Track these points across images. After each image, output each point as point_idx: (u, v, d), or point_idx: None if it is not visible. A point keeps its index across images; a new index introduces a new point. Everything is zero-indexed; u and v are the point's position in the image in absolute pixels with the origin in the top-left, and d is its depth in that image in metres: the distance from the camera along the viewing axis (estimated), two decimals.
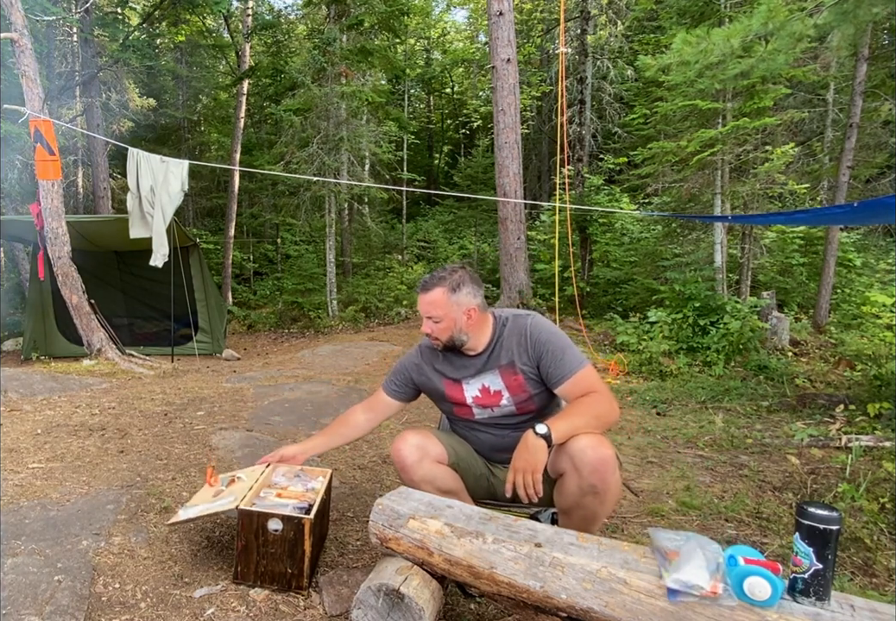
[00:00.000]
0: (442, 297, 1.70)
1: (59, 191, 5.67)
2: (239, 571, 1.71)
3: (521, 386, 1.71)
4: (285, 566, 1.67)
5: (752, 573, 1.10)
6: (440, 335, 1.74)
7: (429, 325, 1.74)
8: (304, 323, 10.59)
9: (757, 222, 7.33)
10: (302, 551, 1.65)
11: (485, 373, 1.76)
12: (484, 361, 1.76)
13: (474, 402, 1.78)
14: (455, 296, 1.70)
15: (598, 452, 1.47)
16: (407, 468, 1.69)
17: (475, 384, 1.77)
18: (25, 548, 1.81)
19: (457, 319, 1.71)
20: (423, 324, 1.77)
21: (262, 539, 1.66)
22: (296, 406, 3.93)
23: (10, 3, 5.28)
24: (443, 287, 1.70)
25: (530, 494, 1.46)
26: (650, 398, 4.66)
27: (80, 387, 4.33)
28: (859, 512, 2.30)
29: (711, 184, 7.16)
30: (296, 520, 1.64)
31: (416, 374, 1.89)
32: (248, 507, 1.68)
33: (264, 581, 1.69)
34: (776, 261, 8.51)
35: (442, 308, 1.70)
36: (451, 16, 24.30)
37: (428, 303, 1.72)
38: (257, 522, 1.66)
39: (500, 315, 1.80)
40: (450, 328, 1.71)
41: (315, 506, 1.71)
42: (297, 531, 1.64)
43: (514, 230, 8.25)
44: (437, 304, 1.70)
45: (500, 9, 8.02)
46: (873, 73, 7.60)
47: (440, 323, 1.72)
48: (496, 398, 1.75)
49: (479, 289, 1.76)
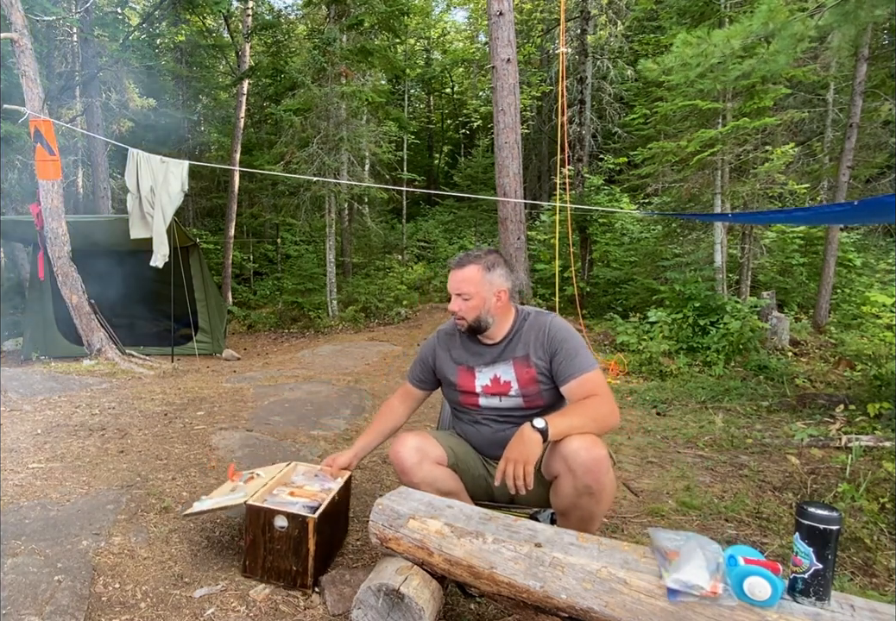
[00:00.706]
0: (476, 274, 1.70)
1: (59, 191, 5.66)
2: (247, 565, 1.74)
3: (533, 379, 1.72)
4: (290, 563, 1.68)
5: (752, 573, 1.10)
6: (467, 314, 1.72)
7: (458, 303, 1.72)
8: (304, 323, 10.59)
9: (757, 220, 7.32)
10: (307, 549, 1.66)
11: (499, 364, 1.76)
12: (500, 351, 1.77)
13: (483, 391, 1.78)
14: (489, 275, 1.71)
15: (592, 453, 1.48)
16: (407, 470, 1.68)
17: (488, 373, 1.78)
18: (25, 548, 1.81)
19: (487, 299, 1.71)
20: (451, 303, 1.75)
21: (269, 535, 1.69)
22: (296, 406, 3.93)
23: (10, 3, 5.28)
24: (478, 264, 1.71)
25: (519, 485, 1.46)
26: (650, 398, 4.66)
27: (80, 387, 4.33)
28: (859, 512, 2.30)
29: (711, 184, 7.16)
30: (300, 519, 1.65)
31: (433, 360, 1.91)
32: (256, 503, 1.71)
33: (270, 577, 1.71)
34: (776, 261, 8.51)
35: (475, 285, 1.70)
36: (451, 16, 24.29)
37: (461, 280, 1.71)
38: (264, 518, 1.68)
39: (523, 309, 1.82)
40: (478, 307, 1.71)
41: (323, 506, 1.71)
42: (302, 529, 1.65)
43: (514, 230, 8.26)
44: (471, 281, 1.70)
45: (500, 9, 8.02)
46: (873, 73, 7.59)
47: (470, 300, 1.70)
48: (505, 387, 1.75)
49: (510, 273, 1.77)
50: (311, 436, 3.25)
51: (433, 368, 1.91)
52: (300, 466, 2.02)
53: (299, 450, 2.97)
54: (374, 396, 4.44)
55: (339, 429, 3.48)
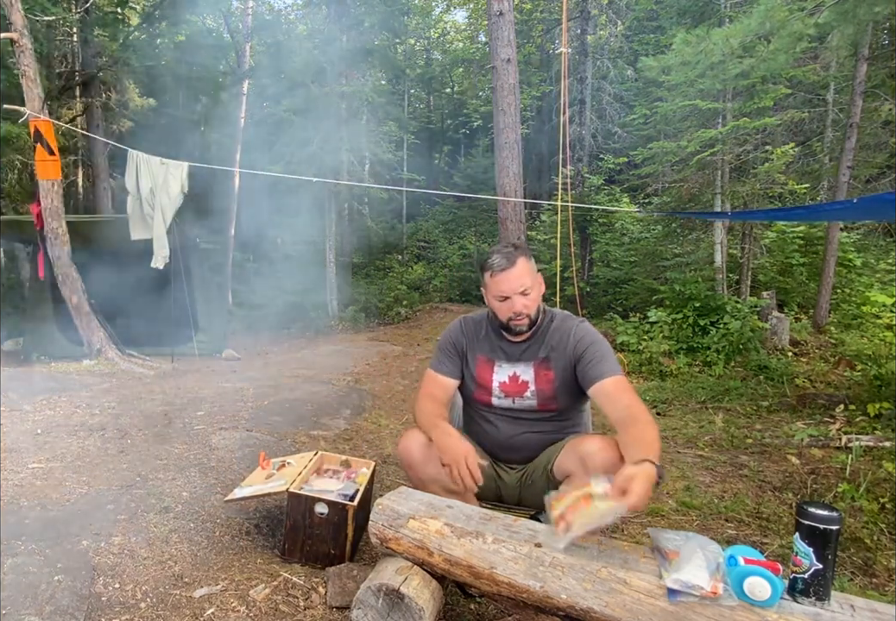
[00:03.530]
0: (528, 265, 1.66)
1: (59, 191, 5.66)
2: (286, 548, 1.85)
3: (550, 382, 1.70)
4: (329, 547, 1.79)
5: (752, 573, 1.10)
6: (531, 306, 1.66)
7: (521, 301, 1.64)
8: (304, 323, 10.59)
9: (757, 218, 7.32)
10: (345, 535, 1.76)
11: (519, 363, 1.74)
12: (523, 349, 1.75)
13: (500, 388, 1.75)
14: (532, 263, 1.69)
15: (608, 454, 1.49)
16: (414, 466, 1.68)
17: (507, 369, 1.75)
18: (25, 548, 1.81)
19: (541, 286, 1.70)
20: (511, 305, 1.63)
21: (309, 520, 1.79)
22: (296, 406, 3.93)
23: (10, 3, 5.27)
24: (523, 256, 1.66)
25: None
26: (650, 398, 4.66)
27: (80, 387, 4.33)
28: (859, 512, 2.30)
29: (711, 184, 7.17)
30: (341, 506, 1.76)
31: (462, 345, 1.82)
32: (297, 491, 1.81)
33: (308, 559, 1.82)
34: (776, 261, 8.50)
35: (531, 275, 1.66)
36: (451, 16, 24.27)
37: (518, 275, 1.63)
38: (305, 505, 1.78)
39: (550, 310, 1.79)
40: (537, 298, 1.68)
41: (360, 494, 1.82)
42: (342, 516, 1.75)
43: (514, 230, 8.24)
44: (528, 273, 1.65)
45: (500, 9, 8.01)
46: (873, 73, 7.58)
47: (531, 292, 1.65)
48: (522, 388, 1.73)
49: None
50: (311, 436, 3.25)
51: (461, 353, 1.81)
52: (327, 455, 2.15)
53: (299, 450, 2.96)
54: (374, 396, 4.43)
55: (339, 428, 3.48)
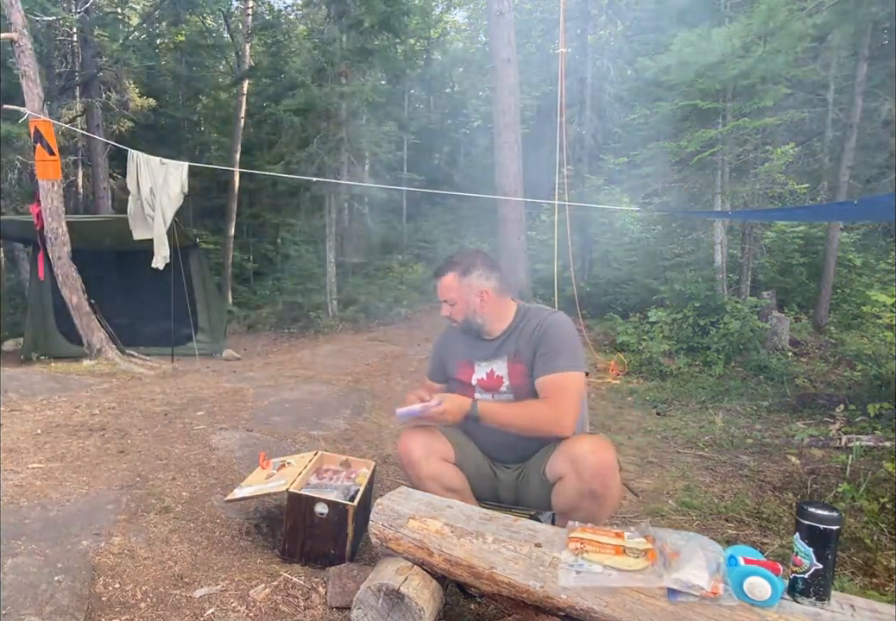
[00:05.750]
0: (453, 281, 1.78)
1: (59, 191, 5.66)
2: (286, 548, 1.84)
3: (525, 376, 1.73)
4: (329, 547, 1.78)
5: (752, 573, 1.10)
6: (456, 317, 1.82)
7: (445, 308, 1.83)
8: (304, 323, 10.57)
9: (757, 218, 7.31)
10: (345, 535, 1.75)
11: (495, 360, 1.80)
12: (497, 346, 1.80)
13: (479, 384, 1.82)
14: (466, 279, 1.77)
15: (600, 456, 1.49)
16: (414, 463, 1.69)
17: (485, 367, 1.82)
18: (25, 548, 1.81)
19: (469, 301, 1.77)
20: (441, 308, 1.85)
21: (309, 521, 1.77)
22: (296, 406, 3.93)
23: (10, 3, 5.27)
24: (454, 271, 1.79)
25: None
26: (650, 398, 4.66)
27: (80, 387, 4.33)
28: (859, 512, 2.30)
29: (711, 184, 7.16)
30: (341, 506, 1.75)
31: (443, 352, 1.97)
32: (297, 491, 1.80)
33: (308, 559, 1.81)
34: (776, 261, 8.50)
35: (454, 291, 1.78)
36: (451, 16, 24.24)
37: (442, 287, 1.81)
38: (305, 505, 1.77)
39: (525, 306, 1.85)
40: (463, 310, 1.79)
41: (360, 494, 1.81)
42: (342, 516, 1.74)
43: (513, 230, 8.26)
44: (450, 288, 1.79)
45: (500, 9, 8.02)
46: (873, 73, 7.58)
47: (455, 305, 1.80)
48: (497, 382, 1.78)
49: (491, 271, 1.81)
50: (311, 436, 3.25)
51: (443, 360, 1.97)
52: (326, 455, 2.14)
53: (299, 450, 2.96)
54: (374, 396, 4.43)
55: (339, 428, 3.48)
